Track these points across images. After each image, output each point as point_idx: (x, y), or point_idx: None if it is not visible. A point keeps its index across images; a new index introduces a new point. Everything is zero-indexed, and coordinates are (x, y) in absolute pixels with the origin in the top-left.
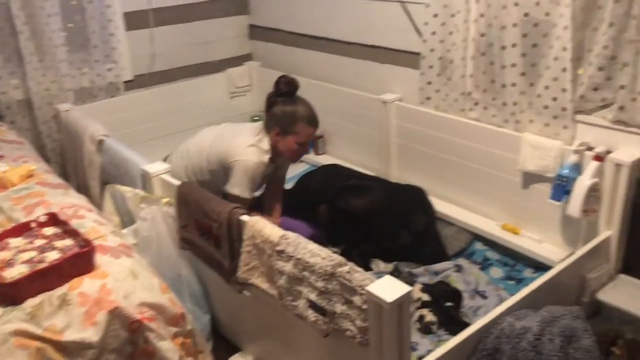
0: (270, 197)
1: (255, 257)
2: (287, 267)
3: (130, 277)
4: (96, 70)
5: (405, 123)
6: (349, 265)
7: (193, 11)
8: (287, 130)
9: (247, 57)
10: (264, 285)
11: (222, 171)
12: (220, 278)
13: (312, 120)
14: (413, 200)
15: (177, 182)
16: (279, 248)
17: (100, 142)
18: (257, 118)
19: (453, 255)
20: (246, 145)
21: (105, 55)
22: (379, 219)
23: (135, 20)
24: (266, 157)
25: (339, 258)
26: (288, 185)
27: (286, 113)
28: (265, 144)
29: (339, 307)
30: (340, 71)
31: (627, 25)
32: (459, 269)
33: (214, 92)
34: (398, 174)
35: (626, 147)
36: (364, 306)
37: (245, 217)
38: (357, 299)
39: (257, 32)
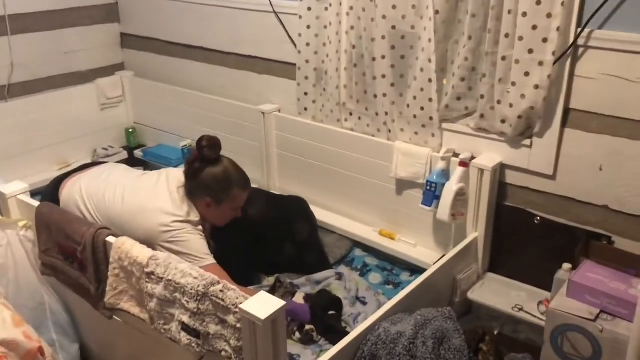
0: None
1: (124, 280)
2: (158, 289)
3: None
4: None
5: (284, 134)
6: (222, 284)
7: (56, 19)
8: (221, 200)
9: (119, 67)
10: (134, 309)
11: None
12: (88, 304)
13: (247, 183)
14: (296, 210)
15: (36, 203)
16: (148, 270)
17: None
18: (132, 130)
19: (335, 263)
20: (173, 217)
21: None
22: (265, 229)
23: None
24: (200, 229)
25: (211, 277)
26: None
27: (219, 180)
28: (194, 216)
29: (213, 328)
30: (218, 81)
31: (483, 39)
32: (339, 276)
33: (83, 104)
34: (279, 185)
35: (488, 153)
36: (238, 325)
37: (111, 238)
38: (230, 318)
39: (129, 40)
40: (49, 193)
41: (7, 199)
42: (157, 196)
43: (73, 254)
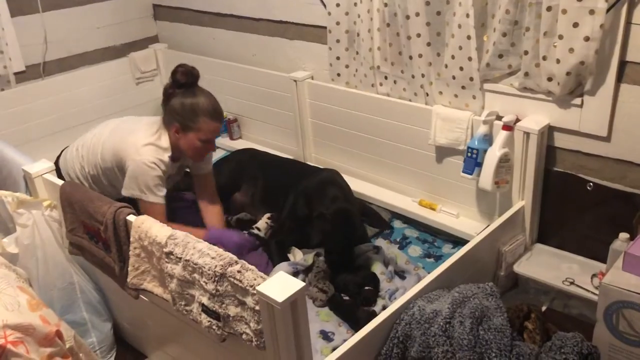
0: (202, 200)
1: (145, 260)
2: (177, 269)
3: None
4: None
5: (318, 102)
6: (240, 264)
7: None
8: (187, 127)
9: (153, 40)
10: (157, 290)
11: (118, 172)
12: (116, 283)
13: (216, 114)
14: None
15: (60, 182)
16: (167, 250)
17: None
18: None
19: (372, 236)
20: (142, 144)
21: None
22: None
23: (20, 6)
24: (166, 156)
25: (229, 256)
26: None
27: (185, 107)
28: (164, 141)
29: (233, 310)
30: (250, 50)
31: None
32: (377, 250)
33: (118, 79)
34: (315, 155)
35: (534, 114)
36: (257, 307)
37: (131, 217)
38: (249, 300)
39: (162, 12)
40: (56, 167)
41: (33, 178)
42: (140, 123)
43: (97, 233)
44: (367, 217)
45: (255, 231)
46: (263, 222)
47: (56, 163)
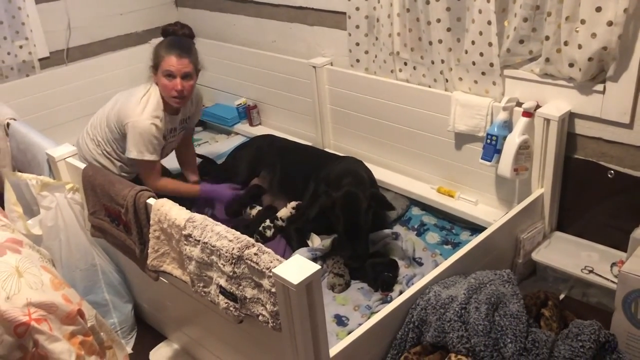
0: (181, 154)
1: (165, 242)
2: (195, 252)
3: (15, 275)
4: (5, 48)
5: (337, 88)
6: (257, 247)
7: None
8: (156, 67)
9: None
10: (176, 272)
11: (123, 138)
12: (136, 265)
13: (173, 44)
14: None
15: (83, 165)
16: (185, 232)
17: (7, 126)
18: None
19: (391, 222)
20: (135, 104)
21: (15, 31)
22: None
23: None
24: (159, 111)
25: (246, 239)
26: (220, 160)
27: (155, 49)
28: (155, 95)
29: (250, 292)
30: (269, 36)
31: None
32: (396, 236)
33: (139, 65)
34: (334, 142)
35: (555, 100)
36: (273, 289)
37: (151, 200)
38: (265, 282)
39: None
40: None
41: (56, 162)
42: (132, 90)
43: (118, 216)
44: (377, 202)
45: (280, 222)
46: (287, 211)
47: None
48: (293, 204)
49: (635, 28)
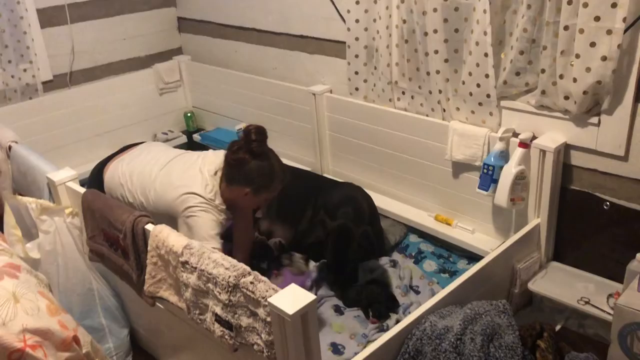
0: None
1: (162, 268)
2: (192, 279)
3: (11, 300)
4: (9, 72)
5: (336, 115)
6: (253, 275)
7: (114, 5)
8: (260, 192)
9: (177, 51)
10: (172, 298)
11: (169, 220)
12: (133, 290)
13: (287, 176)
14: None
15: (82, 190)
16: (182, 259)
17: (9, 149)
18: (190, 114)
19: (388, 250)
20: (198, 203)
21: (20, 55)
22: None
23: (50, 17)
24: (222, 217)
25: (243, 267)
26: None
27: (264, 172)
28: (219, 201)
29: (245, 320)
30: (271, 63)
31: (544, 7)
32: (393, 264)
33: (142, 89)
34: (332, 167)
35: (550, 132)
36: (268, 319)
37: (149, 226)
38: (261, 311)
39: (186, 24)
40: (94, 178)
41: (56, 186)
42: (188, 176)
43: (116, 241)
44: (366, 243)
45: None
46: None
47: (96, 172)
48: (300, 256)
49: (629, 63)
